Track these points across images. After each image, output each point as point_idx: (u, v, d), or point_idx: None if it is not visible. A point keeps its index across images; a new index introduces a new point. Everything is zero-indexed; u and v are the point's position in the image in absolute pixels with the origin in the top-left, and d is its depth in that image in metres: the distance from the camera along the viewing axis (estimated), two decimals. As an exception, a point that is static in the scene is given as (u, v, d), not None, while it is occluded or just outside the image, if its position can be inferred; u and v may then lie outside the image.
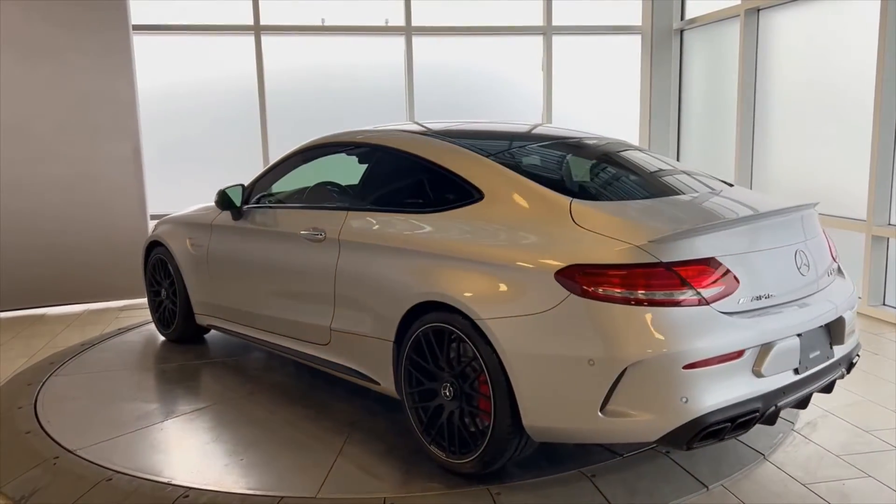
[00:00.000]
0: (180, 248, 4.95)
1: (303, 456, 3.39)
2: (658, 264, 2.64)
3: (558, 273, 2.73)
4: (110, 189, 6.47)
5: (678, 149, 8.42)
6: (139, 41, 6.80)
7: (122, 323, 5.89)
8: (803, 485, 3.03)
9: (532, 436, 2.89)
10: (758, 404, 2.71)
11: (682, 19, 8.21)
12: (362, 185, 3.88)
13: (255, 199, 4.45)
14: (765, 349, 2.74)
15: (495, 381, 2.86)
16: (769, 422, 2.83)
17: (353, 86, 7.94)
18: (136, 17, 6.71)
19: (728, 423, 2.65)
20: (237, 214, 4.48)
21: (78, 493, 3.05)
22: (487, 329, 2.86)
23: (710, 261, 2.71)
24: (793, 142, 6.61)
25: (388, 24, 7.92)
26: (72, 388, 4.36)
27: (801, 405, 3.07)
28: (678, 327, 2.61)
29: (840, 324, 3.09)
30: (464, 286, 3.00)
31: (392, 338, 3.32)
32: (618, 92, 8.58)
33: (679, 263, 2.67)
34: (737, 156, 7.11)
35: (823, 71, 6.21)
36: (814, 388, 2.97)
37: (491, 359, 2.86)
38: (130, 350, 5.13)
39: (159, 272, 5.22)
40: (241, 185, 4.50)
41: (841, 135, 6.00)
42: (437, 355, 3.11)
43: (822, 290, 3.10)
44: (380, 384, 3.48)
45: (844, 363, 3.16)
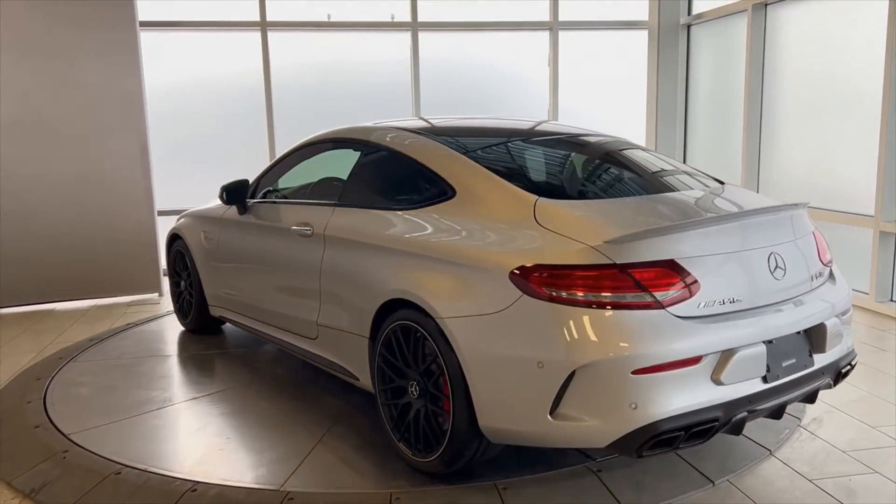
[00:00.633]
0: (195, 240, 5.09)
1: (280, 447, 3.44)
2: (612, 266, 2.57)
3: (512, 273, 2.67)
4: (118, 185, 6.50)
5: (685, 144, 8.40)
6: (146, 38, 6.81)
7: (130, 318, 5.92)
8: (809, 480, 3.02)
9: (488, 437, 2.83)
10: (717, 413, 2.59)
11: (689, 14, 8.18)
12: (348, 181, 3.90)
13: (261, 193, 4.50)
14: (725, 356, 2.62)
15: (454, 380, 2.83)
16: (734, 431, 2.73)
17: (360, 81, 7.95)
18: (142, 13, 6.73)
19: (682, 432, 2.55)
20: (242, 209, 4.54)
21: (87, 486, 3.08)
22: (446, 328, 2.84)
23: (668, 263, 2.61)
24: (800, 137, 6.59)
25: (394, 20, 7.92)
26: (80, 382, 4.38)
27: (774, 415, 2.92)
28: (628, 331, 2.52)
29: (821, 331, 2.94)
30: (427, 284, 2.99)
31: (367, 334, 3.33)
32: (624, 87, 8.56)
33: (634, 265, 2.58)
34: (744, 151, 7.09)
35: (831, 66, 6.18)
36: (789, 398, 2.83)
37: (450, 358, 2.84)
38: (138, 344, 5.16)
39: (179, 264, 5.39)
40: (245, 181, 4.56)
41: (849, 130, 5.98)
42: (405, 353, 3.11)
43: (801, 295, 2.96)
44: (359, 380, 3.51)
45: (829, 372, 3.00)
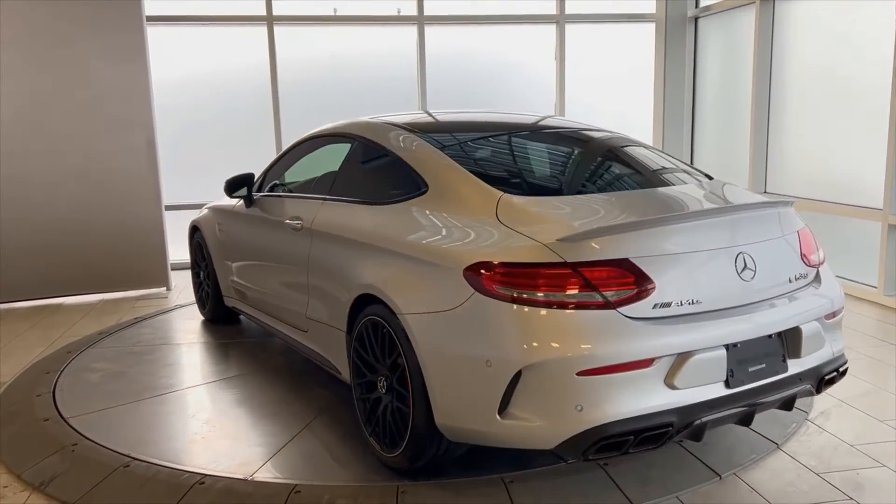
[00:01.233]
0: (211, 232, 5.21)
1: (264, 437, 3.51)
2: (563, 264, 2.52)
3: (465, 270, 2.65)
4: (126, 180, 6.52)
5: (692, 138, 8.37)
6: (153, 32, 6.82)
7: (138, 312, 5.95)
8: (817, 474, 3.02)
9: (445, 435, 2.81)
10: (671, 418, 2.52)
11: (696, 7, 8.14)
12: (336, 176, 3.93)
13: (268, 187, 4.54)
14: (680, 359, 2.54)
15: (413, 377, 2.83)
16: (694, 437, 2.68)
17: (366, 75, 7.94)
18: (149, 8, 6.74)
19: (631, 436, 2.48)
20: (248, 202, 4.59)
21: (96, 479, 3.10)
22: (406, 324, 2.83)
23: (622, 262, 2.55)
24: (809, 130, 6.55)
25: (400, 14, 7.90)
26: (89, 376, 4.41)
27: (743, 421, 2.80)
28: (575, 331, 2.47)
29: (795, 336, 2.83)
30: (392, 280, 2.99)
31: (345, 328, 3.35)
32: (631, 80, 8.53)
33: (586, 264, 2.52)
34: (751, 145, 7.06)
35: (839, 59, 6.14)
36: (759, 404, 2.74)
37: (410, 354, 2.84)
38: (145, 338, 5.19)
39: (198, 255, 5.52)
40: (251, 174, 4.61)
41: (857, 124, 5.94)
42: (375, 348, 3.12)
43: (775, 297, 2.85)
44: (341, 374, 3.52)
45: (809, 379, 2.89)
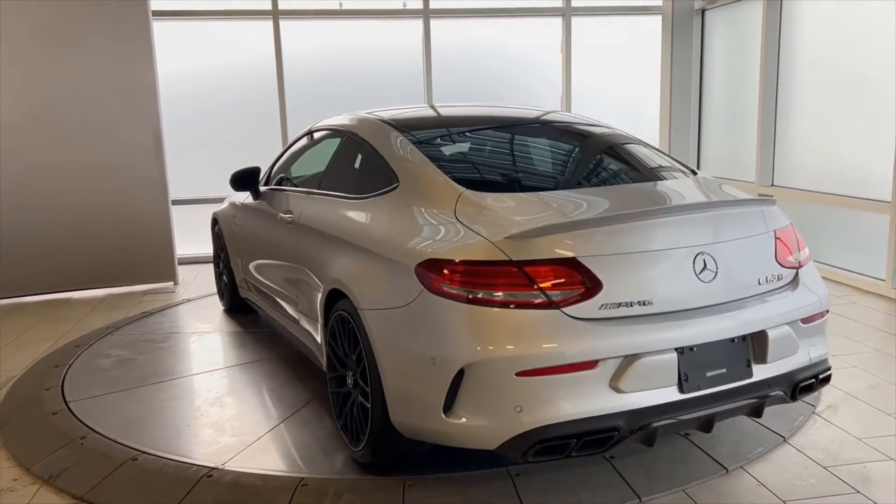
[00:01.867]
0: (227, 225, 5.33)
1: (246, 427, 3.57)
2: (508, 263, 2.48)
3: (417, 267, 2.64)
4: (132, 174, 6.53)
5: (699, 131, 8.33)
6: (159, 27, 6.83)
7: (145, 307, 5.97)
8: (824, 468, 3.01)
9: (400, 431, 2.78)
10: (618, 422, 2.46)
11: (703, -1, 8.10)
12: (325, 169, 3.96)
13: (275, 181, 4.57)
14: (626, 362, 2.48)
15: (372, 372, 2.84)
16: (646, 442, 2.61)
17: (372, 69, 7.94)
18: (156, 3, 6.74)
19: (573, 439, 2.44)
20: (256, 195, 4.63)
21: (104, 472, 3.12)
22: (365, 319, 2.84)
23: (569, 261, 2.50)
24: (816, 123, 6.51)
25: (406, 7, 7.89)
26: (97, 369, 4.43)
27: (703, 428, 2.71)
28: (515, 331, 2.43)
29: (762, 340, 2.72)
30: (355, 275, 3.01)
31: (322, 322, 3.37)
32: (638, 73, 8.50)
33: (532, 262, 2.48)
34: (759, 137, 7.02)
35: (847, 52, 6.10)
36: (718, 411, 2.64)
37: (368, 350, 2.85)
38: (152, 332, 5.20)
39: (217, 246, 5.64)
40: (257, 168, 4.63)
41: (865, 116, 5.90)
42: (343, 343, 3.14)
43: (740, 299, 2.74)
44: (323, 367, 3.55)
45: (780, 386, 2.78)
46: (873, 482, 2.89)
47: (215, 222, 5.65)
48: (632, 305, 2.54)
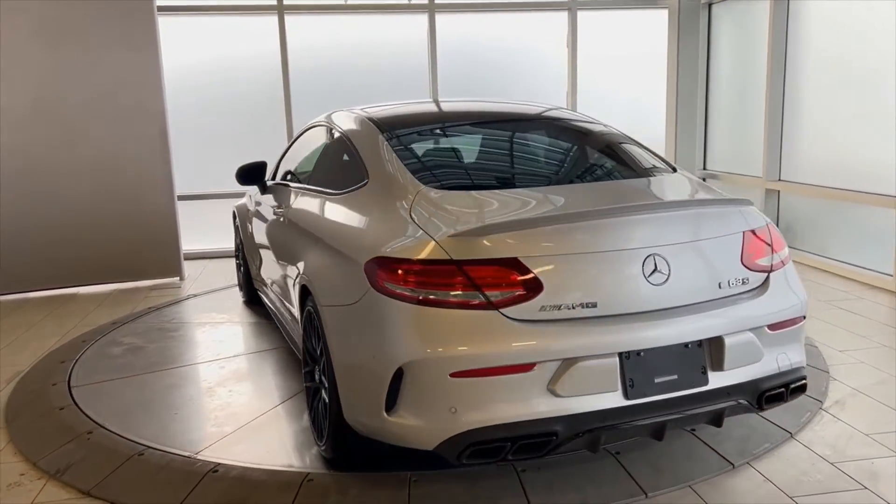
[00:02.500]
0: (242, 218, 5.44)
1: (227, 417, 3.62)
2: (448, 262, 2.45)
3: (365, 264, 2.64)
4: (138, 170, 6.54)
5: (705, 125, 8.30)
6: (164, 22, 6.82)
7: (151, 302, 5.99)
8: (831, 463, 3.00)
9: (355, 429, 2.77)
10: (555, 427, 2.41)
11: (710, -8, 8.06)
12: (314, 165, 3.99)
13: (281, 175, 4.59)
14: (564, 365, 2.42)
15: (328, 369, 2.85)
16: (589, 448, 2.57)
17: (377, 64, 7.92)
18: (160, -2, 6.75)
19: (508, 443, 2.41)
20: (263, 189, 4.65)
21: (111, 467, 3.13)
22: (322, 315, 2.86)
23: (511, 262, 2.45)
24: (825, 117, 6.47)
25: (411, 3, 7.86)
26: (104, 364, 4.44)
27: (654, 436, 2.64)
28: (452, 331, 2.41)
29: (718, 347, 2.61)
30: (317, 271, 3.03)
31: (299, 317, 3.40)
32: (645, 68, 8.46)
33: (473, 262, 2.45)
34: (766, 132, 6.98)
35: (856, 45, 6.06)
36: (669, 419, 2.56)
37: (325, 346, 2.86)
38: (159, 327, 5.22)
39: (238, 239, 5.74)
40: (263, 163, 4.66)
41: (872, 111, 5.86)
42: (312, 338, 3.15)
43: (694, 304, 2.63)
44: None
45: (741, 395, 2.66)
46: (880, 478, 2.87)
47: (235, 216, 5.79)
48: (574, 308, 2.48)
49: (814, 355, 4.15)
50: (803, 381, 2.84)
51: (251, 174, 4.64)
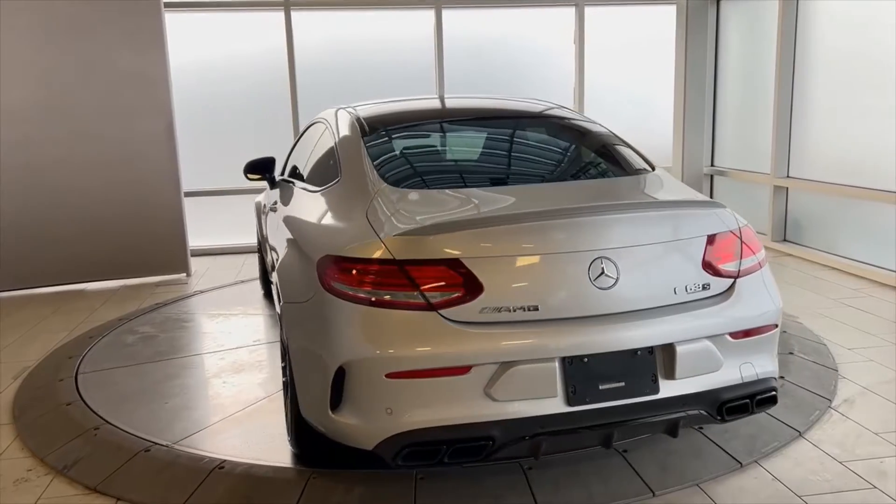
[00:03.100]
0: (258, 213, 5.48)
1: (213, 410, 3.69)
2: (391, 262, 2.44)
3: (317, 262, 2.64)
4: (145, 166, 6.55)
5: (713, 121, 8.25)
6: (171, 19, 6.82)
7: (158, 298, 6.00)
8: (840, 462, 2.98)
9: (314, 426, 2.75)
10: (492, 431, 2.38)
11: (718, -12, 8.01)
12: (306, 162, 4.00)
13: (288, 171, 4.59)
14: (501, 369, 2.38)
15: (289, 365, 2.87)
16: (531, 454, 2.52)
17: (383, 60, 7.90)
18: (167, -6, 6.75)
19: (443, 446, 2.38)
20: (272, 185, 4.68)
21: (118, 463, 3.13)
22: (283, 311, 2.88)
23: (452, 262, 2.42)
24: (834, 114, 6.43)
25: (418, -3, 7.85)
26: (111, 360, 4.45)
27: (603, 443, 2.59)
28: (388, 332, 2.40)
29: (670, 354, 2.52)
30: (282, 267, 3.04)
31: (278, 313, 3.43)
32: (652, 64, 8.42)
33: (415, 263, 2.42)
34: (774, 128, 6.94)
35: (866, 42, 6.01)
36: (618, 427, 2.51)
37: (285, 342, 2.88)
38: (166, 323, 5.23)
39: (259, 233, 5.75)
40: (271, 158, 4.67)
41: (884, 107, 5.81)
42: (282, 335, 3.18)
43: (645, 309, 2.53)
44: None
45: (699, 405, 2.57)
46: (890, 477, 2.85)
47: (256, 210, 5.85)
48: (514, 311, 2.42)
49: (823, 353, 4.13)
50: (772, 394, 2.72)
51: (258, 169, 4.65)
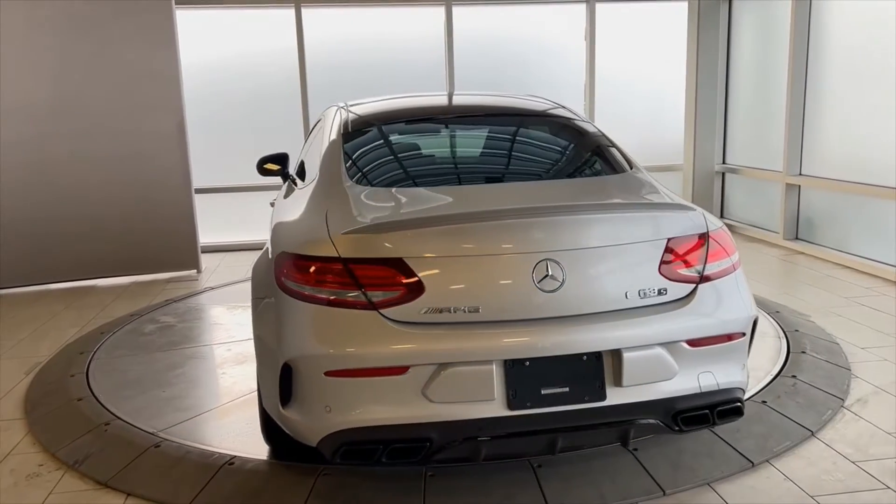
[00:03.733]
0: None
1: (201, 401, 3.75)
2: (336, 260, 2.44)
3: (275, 259, 2.67)
4: (155, 163, 6.57)
5: (725, 119, 8.20)
6: (182, 16, 6.84)
7: (168, 294, 6.02)
8: (853, 462, 2.95)
9: (277, 422, 2.73)
10: (429, 433, 2.37)
11: (731, -16, 7.96)
12: (307, 157, 3.98)
13: (297, 167, 4.60)
14: (438, 370, 2.36)
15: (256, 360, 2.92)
16: (472, 457, 2.48)
17: (394, 58, 7.91)
18: (178, -9, 6.76)
19: (380, 446, 2.39)
20: (284, 180, 4.66)
21: (128, 458, 3.14)
22: (252, 306, 2.92)
23: (395, 262, 2.41)
24: (847, 111, 6.37)
25: (429, -6, 7.85)
26: (122, 356, 4.47)
27: (548, 449, 2.53)
28: (329, 330, 2.41)
29: (617, 361, 2.44)
30: (257, 265, 3.06)
31: None
32: (664, 61, 8.38)
33: (360, 261, 2.43)
34: (787, 126, 6.89)
35: (880, 39, 5.95)
36: (562, 433, 2.46)
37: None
38: (174, 319, 5.24)
39: None
40: (284, 154, 4.64)
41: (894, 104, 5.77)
42: None
43: (594, 313, 2.46)
44: None
45: (653, 413, 2.50)
46: (904, 478, 2.83)
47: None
48: (456, 312, 2.40)
49: (835, 352, 4.10)
50: (735, 405, 2.62)
51: (272, 164, 4.64)
